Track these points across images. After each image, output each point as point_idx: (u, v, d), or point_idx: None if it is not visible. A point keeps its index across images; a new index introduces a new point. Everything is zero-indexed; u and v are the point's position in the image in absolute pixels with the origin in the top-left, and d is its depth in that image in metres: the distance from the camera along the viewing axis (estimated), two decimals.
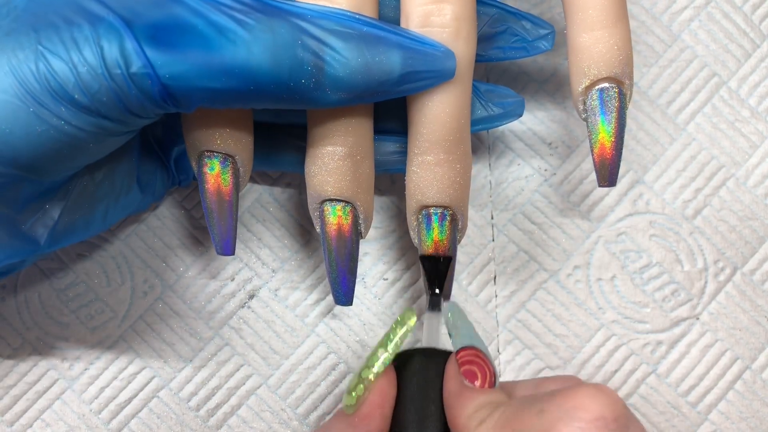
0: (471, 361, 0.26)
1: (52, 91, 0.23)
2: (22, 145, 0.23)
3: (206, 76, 0.24)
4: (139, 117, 0.25)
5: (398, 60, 0.26)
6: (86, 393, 0.35)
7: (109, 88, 0.23)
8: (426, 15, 0.27)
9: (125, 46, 0.23)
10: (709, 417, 0.35)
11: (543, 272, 0.35)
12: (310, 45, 0.24)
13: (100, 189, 0.29)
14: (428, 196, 0.29)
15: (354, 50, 0.25)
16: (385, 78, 0.26)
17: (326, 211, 0.29)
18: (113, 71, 0.23)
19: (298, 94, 0.25)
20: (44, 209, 0.27)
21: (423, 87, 0.27)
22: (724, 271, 0.36)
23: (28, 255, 0.27)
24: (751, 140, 0.36)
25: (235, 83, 0.24)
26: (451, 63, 0.27)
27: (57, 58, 0.23)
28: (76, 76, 0.23)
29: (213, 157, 0.28)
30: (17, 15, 0.23)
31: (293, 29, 0.24)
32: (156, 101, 0.24)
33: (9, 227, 0.26)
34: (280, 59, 0.24)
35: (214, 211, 0.28)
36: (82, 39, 0.23)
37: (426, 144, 0.28)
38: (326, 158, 0.28)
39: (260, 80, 0.24)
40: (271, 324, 0.35)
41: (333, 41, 0.25)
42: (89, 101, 0.23)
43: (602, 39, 0.27)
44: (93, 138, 0.24)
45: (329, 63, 0.25)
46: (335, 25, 0.25)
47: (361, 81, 0.25)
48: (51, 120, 0.23)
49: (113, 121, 0.24)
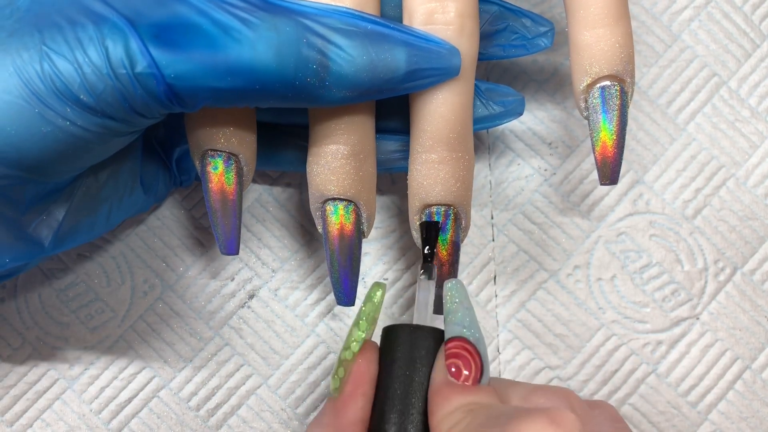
0: (457, 354, 0.25)
1: (57, 91, 0.23)
2: (27, 147, 0.23)
3: (211, 75, 0.24)
4: (144, 117, 0.25)
5: (403, 57, 0.26)
6: (86, 393, 0.35)
7: (114, 88, 0.23)
8: (430, 12, 0.27)
9: (130, 45, 0.23)
10: (709, 417, 0.35)
11: (543, 272, 0.35)
12: (315, 43, 0.24)
13: (104, 190, 0.29)
14: (431, 195, 0.28)
15: (359, 48, 0.25)
16: (391, 75, 0.26)
17: (328, 210, 0.29)
18: (118, 71, 0.23)
19: (304, 92, 0.25)
20: (48, 211, 0.27)
21: (428, 84, 0.27)
22: (724, 271, 0.36)
23: (32, 258, 0.27)
24: (751, 140, 0.36)
25: (240, 82, 0.24)
26: (456, 60, 0.27)
27: (62, 59, 0.23)
28: (81, 76, 0.23)
29: (217, 156, 0.28)
30: (21, 16, 0.23)
31: (298, 27, 0.24)
32: (161, 101, 0.24)
33: (14, 229, 0.26)
34: (285, 57, 0.24)
35: (217, 211, 0.28)
36: (86, 39, 0.23)
37: (429, 141, 0.28)
38: (329, 157, 0.28)
39: (265, 79, 0.24)
40: (271, 324, 0.35)
41: (338, 39, 0.25)
42: (94, 101, 0.23)
43: (604, 37, 0.27)
44: (98, 138, 0.24)
45: (334, 61, 0.25)
46: (340, 23, 0.25)
47: (367, 78, 0.25)
48: (56, 121, 0.23)
49: (118, 121, 0.24)
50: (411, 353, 0.26)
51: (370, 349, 0.27)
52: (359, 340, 0.27)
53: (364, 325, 0.27)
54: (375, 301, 0.27)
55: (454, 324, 0.26)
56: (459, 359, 0.25)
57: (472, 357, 0.25)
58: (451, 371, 0.25)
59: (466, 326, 0.26)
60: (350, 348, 0.26)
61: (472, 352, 0.25)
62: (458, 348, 0.25)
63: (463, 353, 0.25)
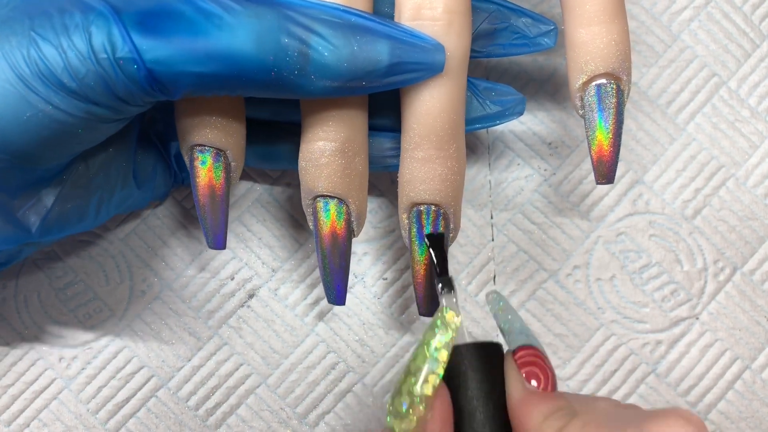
0: (532, 362, 0.25)
1: (42, 75, 0.23)
2: (12, 130, 0.24)
3: (191, 60, 0.24)
4: (128, 103, 0.25)
5: (386, 50, 0.26)
6: (84, 393, 0.34)
7: (96, 72, 0.24)
8: (417, 8, 0.27)
9: (112, 31, 0.23)
10: (708, 417, 0.34)
11: (542, 272, 0.35)
12: (296, 32, 0.25)
13: (95, 180, 0.29)
14: (418, 193, 0.28)
15: (341, 38, 0.25)
16: (372, 68, 0.25)
17: (319, 207, 0.29)
18: (100, 56, 0.23)
19: (284, 81, 0.25)
20: (38, 197, 0.27)
21: (412, 80, 0.27)
22: (724, 271, 0.35)
23: (19, 242, 0.28)
24: (751, 140, 0.36)
25: (219, 68, 0.24)
26: (440, 56, 0.27)
27: (47, 44, 0.23)
28: (64, 60, 0.23)
29: (205, 151, 0.28)
30: (16, 5, 0.24)
31: (279, 16, 0.24)
32: (142, 86, 0.24)
33: (3, 212, 0.27)
34: (264, 44, 0.24)
35: (205, 206, 0.29)
36: (72, 26, 0.23)
37: (416, 139, 0.28)
38: (317, 153, 0.28)
39: (245, 65, 0.24)
40: (270, 323, 0.35)
41: (320, 28, 0.25)
42: (77, 86, 0.24)
43: (600, 34, 0.27)
44: (83, 124, 0.25)
45: (315, 49, 0.25)
46: (323, 14, 0.25)
47: (348, 69, 0.25)
48: (40, 105, 0.24)
49: (102, 107, 0.25)
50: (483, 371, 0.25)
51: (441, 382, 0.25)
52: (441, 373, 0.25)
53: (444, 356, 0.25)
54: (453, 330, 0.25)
55: (516, 334, 0.26)
56: (535, 367, 0.25)
57: (544, 363, 0.25)
58: (531, 379, 0.24)
59: (527, 334, 0.26)
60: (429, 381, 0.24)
61: (543, 358, 0.25)
62: (530, 356, 0.25)
63: (537, 360, 0.25)
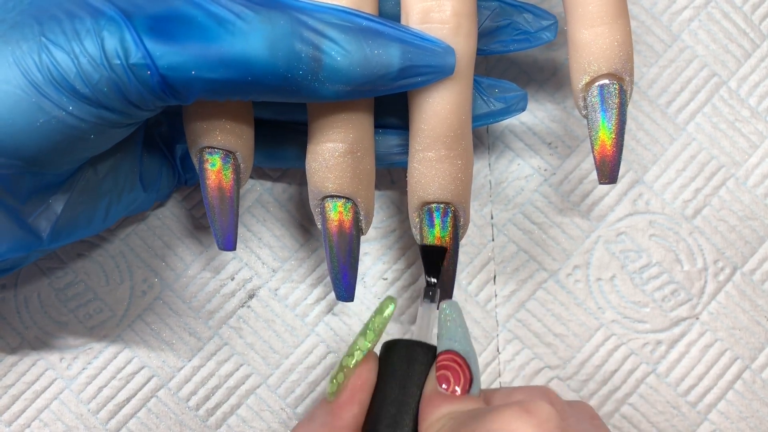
0: (447, 366, 0.26)
1: (54, 81, 0.23)
2: (25, 136, 0.24)
3: (204, 66, 0.24)
4: (140, 108, 0.25)
5: (397, 54, 0.26)
6: (84, 393, 0.34)
7: (109, 78, 0.23)
8: (426, 11, 0.27)
9: (125, 37, 0.23)
10: (708, 417, 0.34)
11: (543, 272, 0.35)
12: (308, 37, 0.25)
13: (103, 184, 0.29)
14: (429, 193, 0.29)
15: (353, 42, 0.25)
16: (384, 72, 0.26)
17: (327, 207, 0.29)
18: (113, 62, 0.23)
19: (297, 86, 0.25)
20: (48, 203, 0.27)
21: (422, 82, 0.27)
22: (724, 271, 0.36)
23: (30, 249, 0.28)
24: (751, 140, 0.36)
25: (232, 74, 0.24)
26: (450, 59, 0.27)
27: (59, 49, 0.23)
28: (77, 66, 0.23)
29: (214, 153, 0.28)
30: (23, 9, 0.24)
31: (292, 21, 0.24)
32: (155, 92, 0.24)
33: (14, 218, 0.27)
34: (277, 50, 0.24)
35: (215, 207, 0.29)
36: (83, 31, 0.23)
37: (427, 140, 0.28)
38: (326, 154, 0.28)
39: (258, 71, 0.24)
40: (270, 323, 0.35)
41: (332, 33, 0.25)
42: (90, 91, 0.23)
43: (602, 35, 0.27)
44: (95, 129, 0.25)
45: (328, 54, 0.25)
46: (335, 18, 0.25)
47: (360, 74, 0.25)
48: (53, 111, 0.24)
49: (114, 112, 0.24)
50: (408, 367, 0.27)
51: (371, 359, 0.27)
52: (364, 349, 0.27)
53: (371, 336, 0.27)
54: (385, 315, 0.27)
55: (446, 339, 0.27)
56: (448, 371, 0.26)
57: (461, 369, 0.26)
58: (440, 381, 0.26)
59: (458, 341, 0.27)
60: (353, 356, 0.27)
61: (462, 364, 0.26)
62: (448, 360, 0.26)
63: (452, 365, 0.26)
